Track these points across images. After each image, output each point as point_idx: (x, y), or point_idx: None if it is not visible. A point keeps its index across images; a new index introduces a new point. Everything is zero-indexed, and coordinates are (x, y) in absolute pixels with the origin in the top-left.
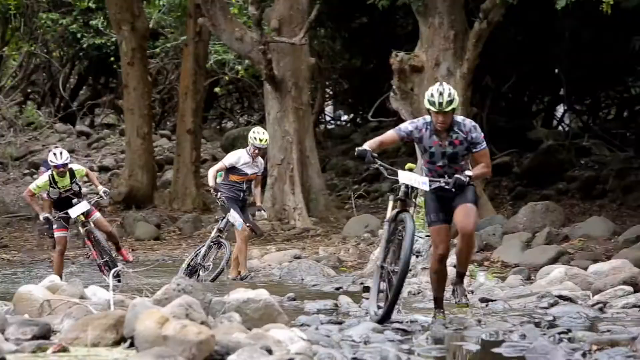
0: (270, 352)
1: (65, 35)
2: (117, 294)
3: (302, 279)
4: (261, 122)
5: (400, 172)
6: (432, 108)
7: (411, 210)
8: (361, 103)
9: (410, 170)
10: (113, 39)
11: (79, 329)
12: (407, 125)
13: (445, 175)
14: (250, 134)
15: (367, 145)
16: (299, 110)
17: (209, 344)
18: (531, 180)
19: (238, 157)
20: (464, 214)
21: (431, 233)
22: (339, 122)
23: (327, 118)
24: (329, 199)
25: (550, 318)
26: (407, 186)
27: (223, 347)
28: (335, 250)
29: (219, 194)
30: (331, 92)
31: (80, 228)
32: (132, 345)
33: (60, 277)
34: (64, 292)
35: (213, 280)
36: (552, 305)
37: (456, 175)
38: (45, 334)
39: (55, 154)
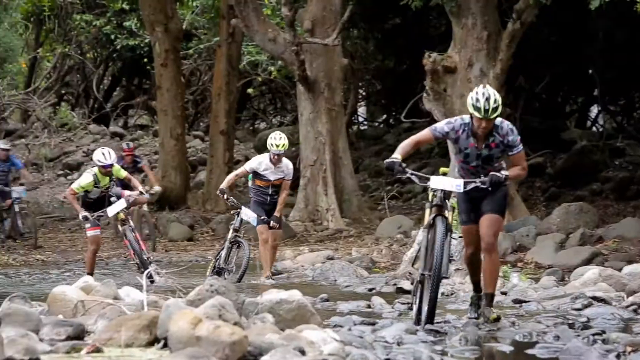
0: (303, 353)
1: (99, 37)
2: (150, 295)
3: (335, 280)
4: (294, 123)
5: (432, 178)
6: (476, 114)
7: (448, 214)
8: (394, 104)
9: (445, 174)
10: (146, 40)
11: (113, 329)
12: (443, 126)
13: (480, 175)
14: (268, 140)
15: (399, 151)
16: (332, 111)
17: (242, 344)
18: (565, 181)
19: (259, 162)
20: (487, 224)
21: (462, 233)
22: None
23: (360, 119)
24: (362, 200)
25: (584, 319)
26: (442, 191)
27: (256, 348)
28: (368, 251)
29: (225, 195)
30: (364, 93)
31: (119, 227)
32: (165, 345)
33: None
34: (97, 293)
35: (238, 281)
36: (586, 306)
37: (492, 173)
38: (79, 334)
39: (103, 154)
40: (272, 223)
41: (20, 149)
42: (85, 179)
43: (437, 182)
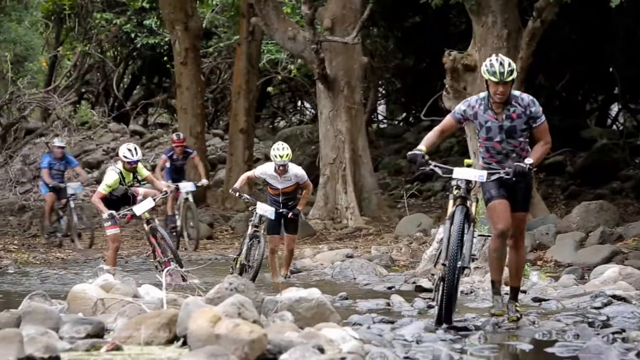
0: (322, 351)
1: (119, 35)
2: (169, 293)
3: (354, 278)
4: (313, 121)
5: (455, 169)
6: (492, 78)
7: (471, 206)
8: (414, 102)
9: (469, 166)
10: (166, 39)
11: (133, 327)
12: (459, 106)
13: (505, 159)
14: (271, 152)
15: (424, 142)
16: (352, 109)
17: (262, 342)
18: (585, 180)
19: (264, 170)
20: (516, 223)
21: (490, 210)
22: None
23: (380, 117)
24: (381, 198)
25: (604, 318)
26: (467, 183)
27: (275, 346)
28: (387, 250)
29: (237, 193)
30: (384, 91)
31: (145, 226)
32: (184, 343)
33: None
34: (117, 291)
35: (252, 279)
36: (605, 305)
37: (516, 164)
38: (98, 332)
39: (130, 150)
40: (290, 214)
41: (40, 147)
42: (110, 177)
43: (460, 173)
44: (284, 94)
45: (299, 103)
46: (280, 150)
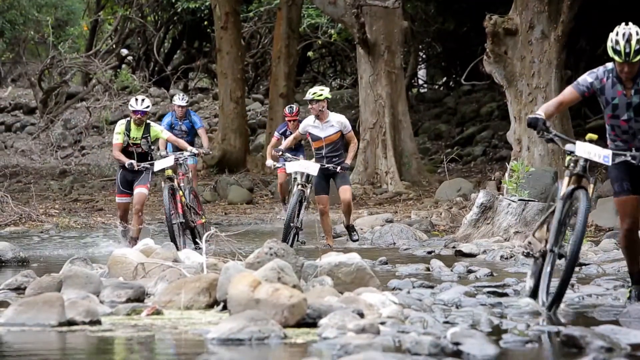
0: (362, 315)
1: (160, 0)
2: (209, 258)
3: (394, 243)
4: (354, 86)
5: (578, 144)
6: (616, 58)
7: (590, 187)
8: (454, 66)
9: (592, 141)
10: (207, 3)
11: (173, 292)
12: (585, 78)
13: (632, 138)
14: (307, 96)
15: (541, 110)
16: (392, 73)
17: (301, 307)
18: None
19: (305, 123)
20: None
21: (616, 205)
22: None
23: (420, 81)
24: (421, 163)
25: None
26: (585, 160)
27: (315, 311)
28: (427, 214)
29: (280, 152)
30: (424, 56)
31: (162, 184)
32: (224, 308)
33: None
34: (157, 256)
35: (291, 245)
36: None
37: None
38: (139, 296)
39: (136, 99)
40: (339, 168)
41: (81, 111)
42: (118, 125)
43: (582, 149)
44: (324, 59)
45: (339, 67)
46: (315, 89)
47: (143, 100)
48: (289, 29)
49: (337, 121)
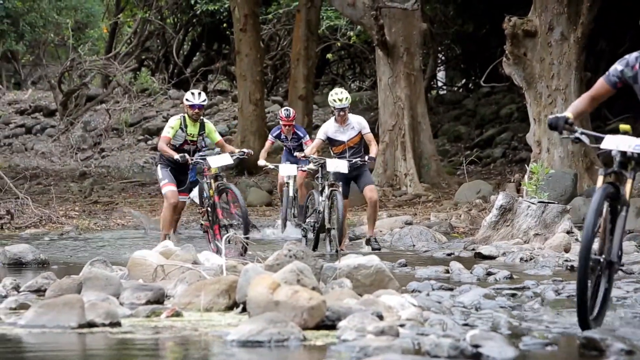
0: (381, 317)
1: (179, 2)
2: (229, 260)
3: (413, 245)
4: (373, 88)
5: (607, 137)
6: None
7: (627, 186)
8: (473, 68)
9: (626, 133)
10: (226, 5)
11: (192, 293)
12: (615, 67)
13: None
14: (329, 98)
15: (570, 109)
16: (411, 75)
17: (320, 309)
18: None
19: (325, 129)
20: None
21: None
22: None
23: (439, 83)
24: (441, 165)
25: None
26: (624, 155)
27: (334, 313)
28: (446, 216)
29: (304, 155)
30: (443, 58)
31: (211, 182)
32: (244, 310)
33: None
34: (177, 257)
35: (339, 243)
36: None
37: None
38: (159, 298)
39: (192, 93)
40: (366, 158)
41: (101, 114)
42: (173, 120)
43: (612, 142)
44: (343, 61)
45: (358, 69)
46: (339, 94)
47: (200, 93)
48: (308, 31)
49: (357, 122)
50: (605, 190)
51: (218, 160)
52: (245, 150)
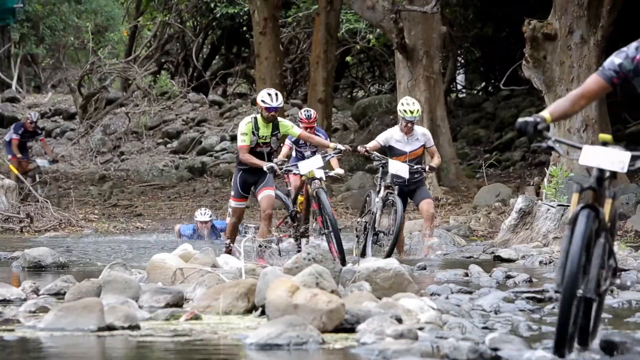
0: (400, 321)
1: (199, 5)
2: (248, 263)
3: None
4: (392, 91)
5: (585, 148)
6: None
7: (606, 207)
8: (493, 71)
9: (605, 143)
10: (246, 9)
11: (211, 297)
12: (612, 60)
13: None
14: (399, 107)
15: (550, 108)
16: (430, 79)
17: (339, 312)
18: None
19: (388, 136)
20: None
21: None
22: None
23: (459, 87)
24: (460, 168)
25: None
26: (600, 170)
27: (353, 316)
28: (465, 220)
29: (365, 149)
30: (463, 61)
31: (308, 187)
32: (263, 313)
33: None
34: (196, 261)
35: (388, 255)
36: None
37: None
38: (178, 301)
39: (270, 95)
40: (427, 167)
41: (120, 117)
42: (242, 125)
43: (589, 157)
44: (363, 64)
45: (378, 73)
46: (411, 105)
47: (277, 94)
48: (327, 34)
49: (422, 134)
50: (589, 217)
51: (309, 165)
52: (340, 146)
